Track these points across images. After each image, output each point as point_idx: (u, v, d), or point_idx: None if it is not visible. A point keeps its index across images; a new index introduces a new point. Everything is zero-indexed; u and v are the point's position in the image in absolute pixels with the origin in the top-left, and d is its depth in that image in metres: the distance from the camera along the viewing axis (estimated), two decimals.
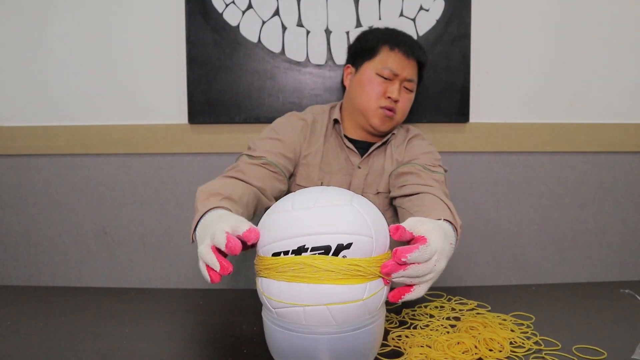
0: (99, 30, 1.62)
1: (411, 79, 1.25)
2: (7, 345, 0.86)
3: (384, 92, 1.23)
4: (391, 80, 1.23)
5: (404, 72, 1.23)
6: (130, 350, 0.85)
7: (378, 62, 1.24)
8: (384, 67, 1.23)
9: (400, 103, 1.25)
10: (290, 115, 1.32)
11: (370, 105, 1.23)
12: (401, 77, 1.24)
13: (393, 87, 1.23)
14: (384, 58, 1.24)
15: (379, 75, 1.23)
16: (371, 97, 1.23)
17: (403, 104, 1.26)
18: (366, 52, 1.27)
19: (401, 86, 1.24)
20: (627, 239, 1.74)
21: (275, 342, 0.76)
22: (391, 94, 1.22)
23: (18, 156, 1.67)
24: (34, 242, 1.70)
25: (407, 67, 1.24)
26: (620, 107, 1.69)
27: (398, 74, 1.23)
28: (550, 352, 0.82)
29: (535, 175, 1.70)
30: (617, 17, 1.66)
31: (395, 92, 1.22)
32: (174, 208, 1.68)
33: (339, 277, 0.69)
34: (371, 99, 1.23)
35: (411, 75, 1.25)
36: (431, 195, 1.05)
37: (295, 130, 1.26)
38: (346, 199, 0.75)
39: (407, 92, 1.27)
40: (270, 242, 0.73)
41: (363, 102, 1.24)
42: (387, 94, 1.23)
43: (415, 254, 0.71)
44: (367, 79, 1.24)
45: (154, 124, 1.64)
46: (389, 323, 0.94)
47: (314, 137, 1.28)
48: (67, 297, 1.12)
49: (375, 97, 1.23)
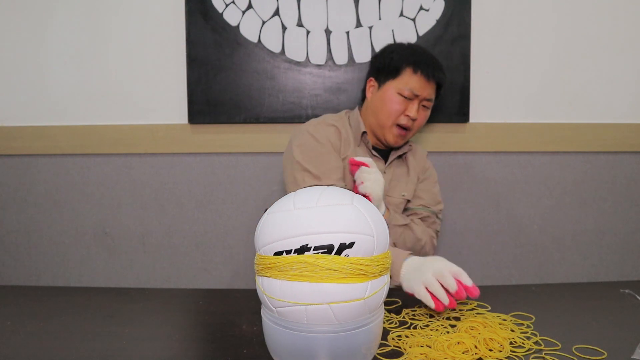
0: (99, 31, 1.62)
1: (430, 98, 1.34)
2: (7, 345, 0.86)
3: (403, 110, 1.31)
4: (411, 100, 1.31)
5: (424, 92, 1.31)
6: (130, 350, 0.85)
7: (400, 82, 1.31)
8: (405, 88, 1.30)
9: (417, 120, 1.34)
10: (319, 122, 1.37)
11: (388, 122, 1.32)
12: (421, 97, 1.31)
13: (412, 107, 1.31)
14: (406, 79, 1.30)
15: (400, 94, 1.31)
16: (391, 114, 1.31)
17: (420, 121, 1.35)
18: (390, 71, 1.33)
19: (420, 105, 1.32)
20: (627, 239, 1.74)
21: (275, 341, 0.76)
22: (410, 112, 1.30)
23: (18, 156, 1.67)
24: (34, 242, 1.70)
25: (427, 88, 1.31)
26: (620, 107, 1.69)
27: (418, 95, 1.31)
28: (550, 352, 0.82)
29: (535, 175, 1.70)
30: (617, 17, 1.66)
31: (414, 111, 1.30)
32: (174, 208, 1.68)
33: (341, 276, 0.69)
34: (390, 116, 1.31)
35: (430, 95, 1.33)
36: (415, 232, 1.32)
37: (332, 135, 1.33)
38: (347, 198, 0.75)
39: (424, 110, 1.35)
40: (272, 241, 0.73)
41: (382, 118, 1.32)
42: (406, 112, 1.31)
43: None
44: (388, 97, 1.32)
45: (154, 124, 1.64)
46: (389, 323, 0.94)
47: (346, 142, 1.35)
48: (67, 297, 1.12)
49: (395, 115, 1.31)
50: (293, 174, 1.28)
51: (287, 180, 1.31)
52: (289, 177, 1.30)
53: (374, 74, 1.38)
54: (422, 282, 0.97)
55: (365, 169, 1.24)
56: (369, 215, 0.74)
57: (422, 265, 1.01)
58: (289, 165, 1.30)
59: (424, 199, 1.40)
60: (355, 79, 1.62)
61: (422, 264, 1.01)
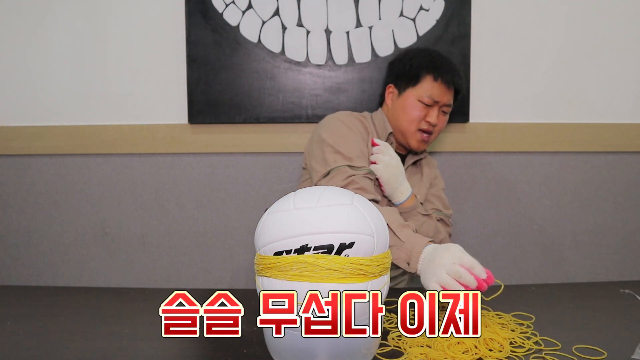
0: (99, 30, 1.62)
1: (449, 104, 1.37)
2: (7, 345, 0.86)
3: (423, 116, 1.34)
4: (431, 106, 1.34)
5: (444, 99, 1.34)
6: (130, 350, 0.85)
7: (421, 90, 1.33)
8: (426, 95, 1.33)
9: (437, 125, 1.37)
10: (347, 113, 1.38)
11: (411, 128, 1.35)
12: (441, 103, 1.35)
13: (432, 113, 1.34)
14: (427, 87, 1.33)
15: (420, 101, 1.33)
16: (412, 121, 1.34)
17: (440, 126, 1.38)
18: (410, 78, 1.35)
19: (439, 111, 1.35)
20: (627, 239, 1.74)
21: (275, 341, 0.76)
22: (430, 118, 1.33)
23: (18, 156, 1.66)
24: (34, 242, 1.70)
25: (447, 94, 1.35)
26: (620, 107, 1.69)
27: (438, 101, 1.34)
28: (550, 352, 0.82)
29: (535, 175, 1.70)
30: (617, 17, 1.66)
31: (434, 117, 1.34)
32: (174, 208, 1.68)
33: (341, 276, 0.70)
34: (412, 123, 1.34)
35: (449, 100, 1.36)
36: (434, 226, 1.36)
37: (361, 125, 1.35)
38: (347, 198, 0.75)
39: (444, 115, 1.38)
40: (272, 241, 0.73)
41: (404, 125, 1.35)
42: (427, 118, 1.34)
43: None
44: (409, 104, 1.34)
45: (154, 124, 1.64)
46: (389, 323, 0.94)
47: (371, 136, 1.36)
48: (67, 297, 1.12)
49: (416, 122, 1.34)
50: (323, 156, 1.26)
51: (316, 164, 1.29)
52: (318, 160, 1.28)
53: (393, 81, 1.40)
54: (438, 282, 0.92)
55: (382, 150, 1.28)
56: (369, 215, 0.74)
57: (435, 257, 0.95)
58: (318, 149, 1.29)
59: (435, 203, 1.42)
60: (355, 79, 1.62)
61: (435, 255, 0.96)
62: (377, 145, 1.31)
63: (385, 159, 1.28)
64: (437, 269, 0.93)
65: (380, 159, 1.28)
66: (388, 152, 1.30)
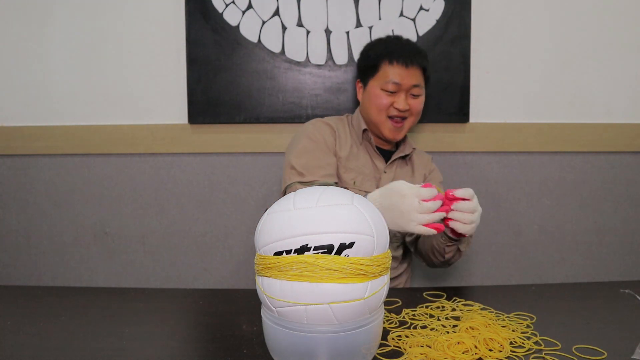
0: (99, 30, 1.62)
1: (416, 84, 1.31)
2: (7, 345, 0.86)
3: (390, 104, 1.31)
4: (397, 92, 1.30)
5: (407, 81, 1.30)
6: (130, 350, 0.85)
7: (381, 78, 1.31)
8: (386, 82, 1.30)
9: (411, 109, 1.32)
10: (314, 122, 1.38)
11: (380, 118, 1.32)
12: (405, 87, 1.30)
13: (399, 99, 1.30)
14: (385, 73, 1.30)
15: (383, 90, 1.31)
16: (380, 110, 1.31)
17: (414, 109, 1.33)
18: (369, 69, 1.34)
19: (407, 94, 1.31)
20: (627, 239, 1.74)
21: (275, 341, 0.76)
22: (398, 105, 1.30)
23: (18, 156, 1.67)
24: (34, 242, 1.70)
25: (408, 76, 1.30)
26: (620, 107, 1.69)
27: (401, 85, 1.29)
28: (550, 352, 0.82)
29: (535, 175, 1.70)
30: (617, 17, 1.66)
31: (402, 102, 1.30)
32: (174, 208, 1.68)
33: (341, 276, 0.70)
34: (380, 112, 1.32)
35: (415, 81, 1.31)
36: None
37: (327, 133, 1.34)
38: (347, 198, 0.75)
39: (415, 98, 1.33)
40: (272, 241, 0.73)
41: (373, 116, 1.33)
42: (395, 105, 1.30)
43: (460, 190, 0.97)
44: (374, 95, 1.32)
45: (154, 124, 1.64)
46: (389, 323, 0.94)
47: (341, 141, 1.36)
48: (67, 297, 1.12)
49: (384, 110, 1.31)
50: (283, 172, 1.30)
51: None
52: (282, 176, 1.31)
53: (359, 76, 1.40)
54: (419, 223, 0.94)
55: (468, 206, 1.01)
56: (368, 215, 0.74)
57: (394, 205, 0.96)
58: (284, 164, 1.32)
59: None
60: (355, 79, 1.62)
61: (391, 202, 0.96)
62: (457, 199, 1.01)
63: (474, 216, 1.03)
64: (410, 215, 0.95)
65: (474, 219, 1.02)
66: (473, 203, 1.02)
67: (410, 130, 1.65)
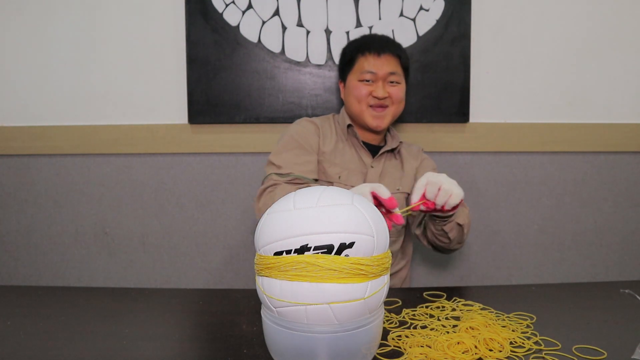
0: (99, 30, 1.62)
1: (392, 71, 1.33)
2: (7, 345, 0.86)
3: (369, 93, 1.33)
4: (374, 82, 1.33)
5: (381, 69, 1.32)
6: (130, 350, 0.85)
7: (357, 70, 1.35)
8: (362, 72, 1.33)
9: (391, 97, 1.34)
10: (300, 121, 1.41)
11: (361, 107, 1.34)
12: (382, 75, 1.33)
13: (377, 87, 1.33)
14: (360, 65, 1.34)
15: (361, 81, 1.34)
16: (359, 100, 1.34)
17: (395, 96, 1.35)
18: (346, 66, 1.38)
19: (385, 82, 1.33)
20: (627, 239, 1.74)
21: (275, 341, 0.76)
22: (376, 93, 1.32)
23: (18, 156, 1.67)
24: (34, 242, 1.70)
25: (382, 64, 1.33)
26: (620, 107, 1.69)
27: (377, 73, 1.32)
28: (550, 352, 0.82)
29: (535, 175, 1.70)
30: (617, 17, 1.66)
31: (380, 90, 1.32)
32: (174, 208, 1.68)
33: (341, 276, 0.70)
34: (360, 102, 1.34)
35: (391, 68, 1.33)
36: None
37: (310, 132, 1.37)
38: (347, 198, 0.75)
39: (394, 85, 1.35)
40: (272, 241, 0.73)
41: (354, 107, 1.36)
42: (373, 93, 1.33)
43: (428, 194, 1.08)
44: (352, 87, 1.35)
45: (154, 124, 1.64)
46: (389, 323, 0.94)
47: (326, 138, 1.38)
48: (67, 297, 1.12)
49: (363, 99, 1.34)
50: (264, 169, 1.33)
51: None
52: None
53: (340, 76, 1.43)
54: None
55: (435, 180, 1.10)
56: (368, 215, 0.74)
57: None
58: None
59: None
60: None
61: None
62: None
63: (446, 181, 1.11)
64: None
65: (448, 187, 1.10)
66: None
67: (410, 131, 1.66)
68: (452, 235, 1.26)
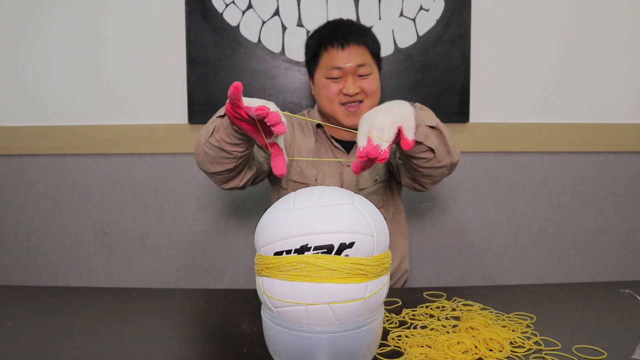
0: (99, 31, 1.62)
1: (361, 63, 1.22)
2: (7, 345, 0.86)
3: (339, 91, 1.23)
4: (342, 78, 1.23)
5: (348, 62, 1.22)
6: (130, 350, 0.85)
7: (322, 67, 1.25)
8: (327, 69, 1.23)
9: (364, 91, 1.23)
10: None
11: (333, 106, 1.25)
12: (349, 70, 1.22)
13: (346, 84, 1.22)
14: (324, 61, 1.24)
15: (328, 78, 1.24)
16: (330, 99, 1.24)
17: (368, 89, 1.24)
18: (311, 61, 1.28)
19: (355, 77, 1.23)
20: (627, 239, 1.74)
21: (275, 341, 0.76)
22: (347, 90, 1.22)
23: (18, 156, 1.67)
24: (34, 242, 1.70)
25: (348, 57, 1.22)
26: (620, 107, 1.69)
27: (343, 68, 1.22)
28: (550, 352, 0.82)
29: (535, 175, 1.70)
30: (617, 17, 1.66)
31: (350, 87, 1.22)
32: (174, 208, 1.68)
33: (342, 276, 0.70)
34: (331, 101, 1.24)
35: (358, 61, 1.22)
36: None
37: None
38: (347, 198, 0.75)
39: (364, 78, 1.24)
40: (272, 241, 0.73)
41: (326, 106, 1.26)
42: (343, 91, 1.23)
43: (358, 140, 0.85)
44: (321, 85, 1.26)
45: (154, 124, 1.64)
46: (389, 323, 0.94)
47: (302, 137, 1.31)
48: (67, 297, 1.12)
49: (334, 98, 1.24)
50: None
51: None
52: None
53: (308, 72, 1.34)
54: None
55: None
56: (369, 215, 0.74)
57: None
58: None
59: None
60: None
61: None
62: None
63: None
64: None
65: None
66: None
67: None
68: (425, 164, 1.04)
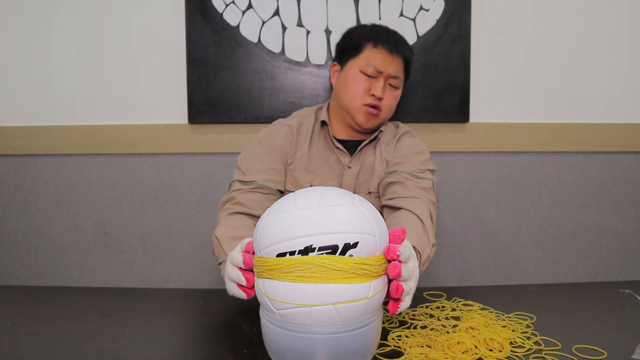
0: (99, 30, 1.62)
1: (396, 75, 1.24)
2: (7, 345, 0.86)
3: (368, 89, 1.22)
4: (375, 78, 1.22)
5: (388, 68, 1.22)
6: (130, 350, 0.85)
7: (362, 60, 1.23)
8: (367, 64, 1.22)
9: (385, 100, 1.24)
10: (275, 124, 1.32)
11: (355, 102, 1.23)
12: (385, 75, 1.23)
13: (377, 85, 1.22)
14: (367, 55, 1.23)
15: (363, 72, 1.22)
16: (356, 94, 1.23)
17: (388, 101, 1.24)
18: (351, 50, 1.26)
19: (386, 83, 1.23)
20: (627, 239, 1.74)
21: (275, 342, 0.75)
22: (375, 91, 1.21)
23: (18, 156, 1.66)
24: (34, 242, 1.70)
25: (391, 63, 1.23)
26: (620, 107, 1.69)
27: (382, 71, 1.22)
28: (550, 352, 0.82)
29: (535, 175, 1.70)
30: (617, 17, 1.66)
31: (379, 89, 1.21)
32: (174, 208, 1.68)
33: (346, 276, 0.69)
34: (355, 96, 1.23)
35: (396, 72, 1.24)
36: (410, 214, 1.08)
37: (280, 137, 1.26)
38: (348, 198, 0.75)
39: (392, 89, 1.25)
40: (274, 242, 0.72)
41: (347, 100, 1.24)
42: (371, 91, 1.22)
43: (401, 248, 0.73)
44: (351, 77, 1.23)
45: (154, 124, 1.64)
46: (389, 323, 0.94)
47: (299, 142, 1.27)
48: (67, 297, 1.12)
49: (360, 95, 1.22)
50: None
51: None
52: None
53: (337, 58, 1.31)
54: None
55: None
56: (370, 215, 0.74)
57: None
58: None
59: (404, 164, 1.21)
60: None
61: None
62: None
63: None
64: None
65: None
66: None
67: None
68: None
